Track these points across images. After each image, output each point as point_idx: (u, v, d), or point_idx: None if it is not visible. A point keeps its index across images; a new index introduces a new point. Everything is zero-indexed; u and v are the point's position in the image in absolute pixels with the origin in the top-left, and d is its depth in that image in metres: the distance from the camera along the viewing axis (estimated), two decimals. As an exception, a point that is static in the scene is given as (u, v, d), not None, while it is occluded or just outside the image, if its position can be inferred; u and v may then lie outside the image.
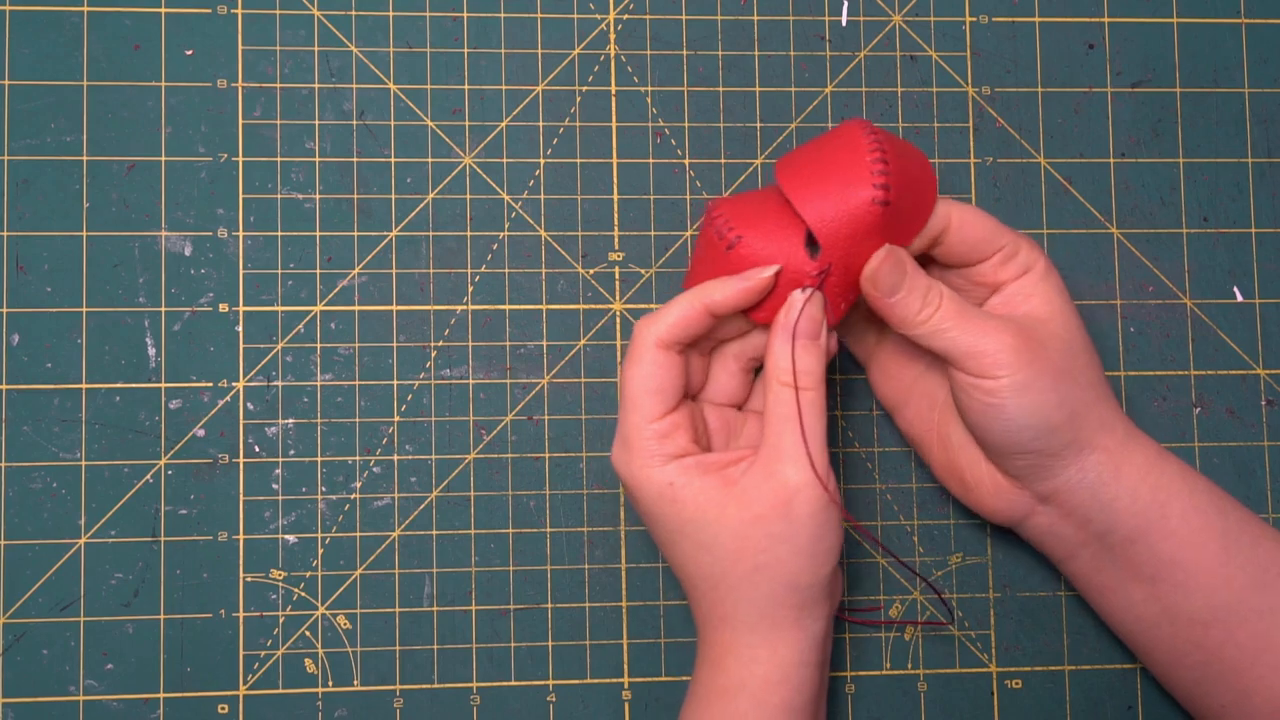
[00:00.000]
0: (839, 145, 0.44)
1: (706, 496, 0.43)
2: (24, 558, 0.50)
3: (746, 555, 0.43)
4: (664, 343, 0.44)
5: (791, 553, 0.43)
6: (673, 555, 0.45)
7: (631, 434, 0.44)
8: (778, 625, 0.43)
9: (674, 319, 0.44)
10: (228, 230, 0.52)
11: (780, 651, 0.43)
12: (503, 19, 0.53)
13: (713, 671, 0.44)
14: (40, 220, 0.51)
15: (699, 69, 0.54)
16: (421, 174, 0.52)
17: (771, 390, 0.44)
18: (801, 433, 0.43)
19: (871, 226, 0.43)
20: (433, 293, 0.52)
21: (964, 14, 0.54)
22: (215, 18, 0.52)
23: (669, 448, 0.44)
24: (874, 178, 0.42)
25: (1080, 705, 0.52)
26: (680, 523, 0.43)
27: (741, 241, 0.44)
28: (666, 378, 0.44)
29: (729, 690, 0.44)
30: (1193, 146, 0.55)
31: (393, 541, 0.51)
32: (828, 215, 0.43)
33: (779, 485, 0.42)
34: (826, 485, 0.43)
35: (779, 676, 0.43)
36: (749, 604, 0.43)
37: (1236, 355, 0.54)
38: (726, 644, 0.44)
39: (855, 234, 0.43)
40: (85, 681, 0.50)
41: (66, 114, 0.51)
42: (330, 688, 0.51)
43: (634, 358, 0.44)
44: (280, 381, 0.51)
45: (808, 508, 0.42)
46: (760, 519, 0.42)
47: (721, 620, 0.44)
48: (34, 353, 0.51)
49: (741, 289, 0.44)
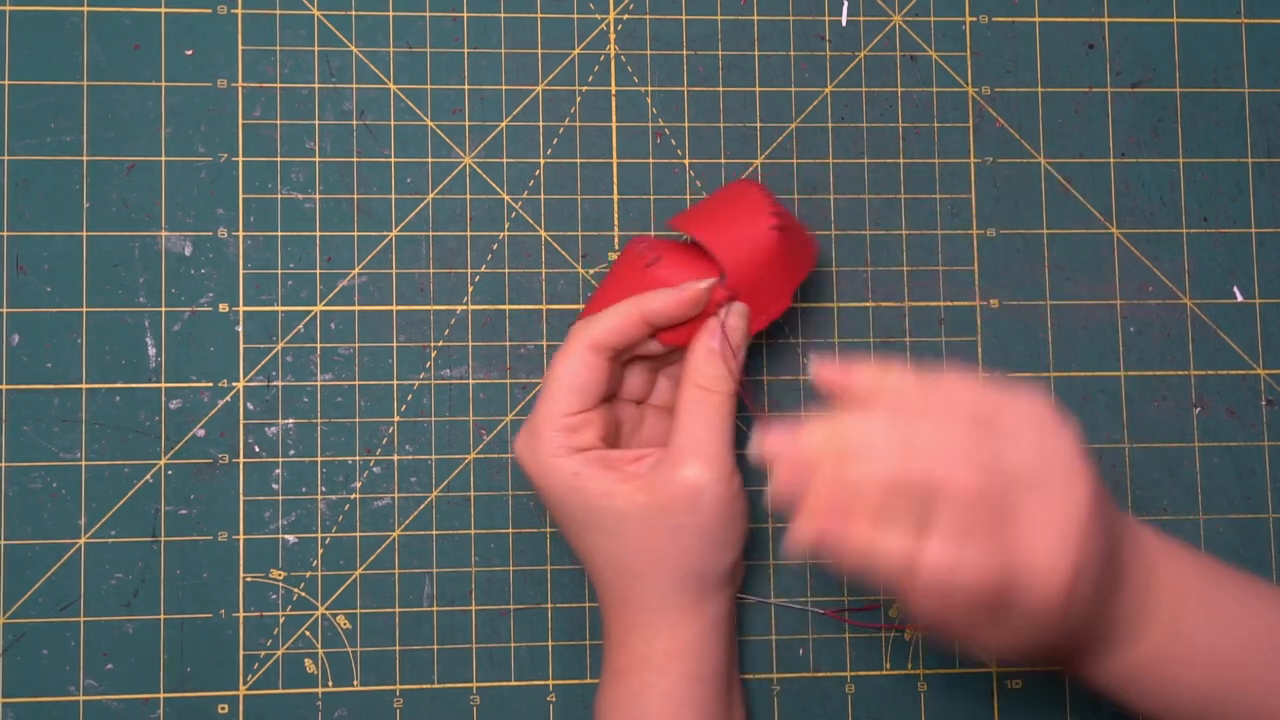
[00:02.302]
0: (732, 194, 0.48)
1: (612, 487, 0.45)
2: (24, 558, 0.50)
3: (653, 544, 0.45)
4: (596, 345, 0.46)
5: (697, 543, 0.45)
6: (578, 543, 0.47)
7: (541, 424, 0.45)
8: (680, 608, 0.46)
9: (611, 324, 0.46)
10: (228, 230, 0.52)
11: (679, 631, 0.46)
12: (503, 19, 0.53)
13: (618, 650, 0.46)
14: (40, 220, 0.51)
15: (699, 69, 0.54)
16: (421, 174, 0.52)
17: (686, 392, 0.46)
18: (716, 430, 0.45)
19: (769, 253, 0.47)
20: (433, 293, 0.52)
21: (964, 14, 0.54)
22: (215, 18, 0.52)
23: (576, 441, 0.45)
24: (767, 209, 0.47)
25: (1080, 705, 0.52)
26: (586, 511, 0.45)
27: (660, 261, 0.47)
28: (591, 378, 0.46)
29: (634, 665, 0.46)
30: (1192, 146, 0.55)
31: (393, 541, 0.51)
32: (730, 241, 0.47)
33: (687, 479, 0.44)
34: (731, 484, 0.45)
35: (679, 649, 0.46)
36: (653, 589, 0.45)
37: (1236, 355, 0.54)
38: (629, 624, 0.46)
39: (755, 259, 0.47)
40: (85, 681, 0.50)
41: (66, 114, 0.51)
42: (330, 688, 0.51)
43: (564, 354, 0.46)
44: (280, 381, 0.51)
45: (715, 501, 0.45)
46: (666, 510, 0.44)
47: (625, 604, 0.46)
48: (34, 353, 0.51)
49: (678, 299, 0.46)
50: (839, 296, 0.53)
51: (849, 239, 0.53)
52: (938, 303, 0.53)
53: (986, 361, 0.53)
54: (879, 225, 0.53)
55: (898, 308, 0.53)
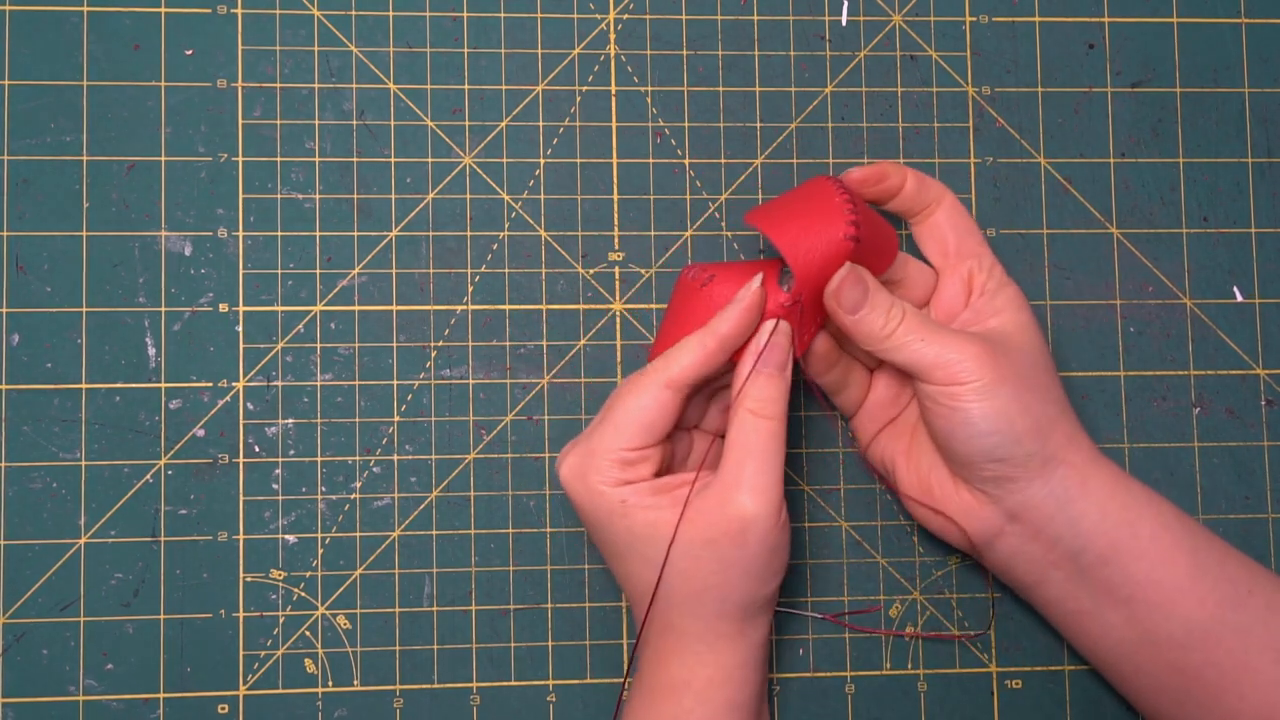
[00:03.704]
0: (811, 194, 0.46)
1: (659, 515, 0.44)
2: (24, 558, 0.50)
3: (697, 575, 0.44)
4: (675, 383, 0.45)
5: (742, 576, 0.44)
6: (620, 568, 0.46)
7: (599, 451, 0.44)
8: (722, 636, 0.45)
9: (688, 360, 0.45)
10: (228, 230, 0.52)
11: (723, 657, 0.45)
12: (503, 19, 0.53)
13: (657, 671, 0.45)
14: (40, 220, 0.51)
15: (699, 69, 0.54)
16: (421, 174, 0.52)
17: (737, 417, 0.45)
18: (764, 461, 0.44)
19: (841, 262, 0.45)
20: (433, 293, 0.52)
21: (964, 14, 0.54)
22: (215, 18, 0.52)
23: (630, 474, 0.44)
24: (846, 216, 0.45)
25: (1080, 705, 0.52)
26: (631, 538, 0.44)
27: (714, 279, 0.46)
28: (660, 416, 0.45)
29: (675, 688, 0.45)
30: (1192, 146, 0.55)
31: (393, 541, 0.51)
32: (802, 248, 0.45)
33: (735, 513, 0.43)
34: (779, 516, 0.44)
35: (722, 677, 0.45)
36: (695, 619, 0.44)
37: (1236, 355, 0.54)
38: (669, 649, 0.45)
39: (826, 268, 0.45)
40: (85, 681, 0.50)
41: (66, 114, 0.51)
42: (330, 688, 0.51)
43: (636, 387, 0.45)
44: (280, 381, 0.51)
45: (762, 537, 0.44)
46: (713, 543, 0.43)
47: (666, 628, 0.45)
48: (34, 353, 0.51)
49: (741, 309, 0.45)
50: (839, 296, 0.53)
51: (849, 239, 0.53)
52: (938, 303, 0.53)
53: (986, 361, 0.53)
54: (879, 225, 0.53)
55: (898, 308, 0.53)
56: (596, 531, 0.46)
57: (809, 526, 0.52)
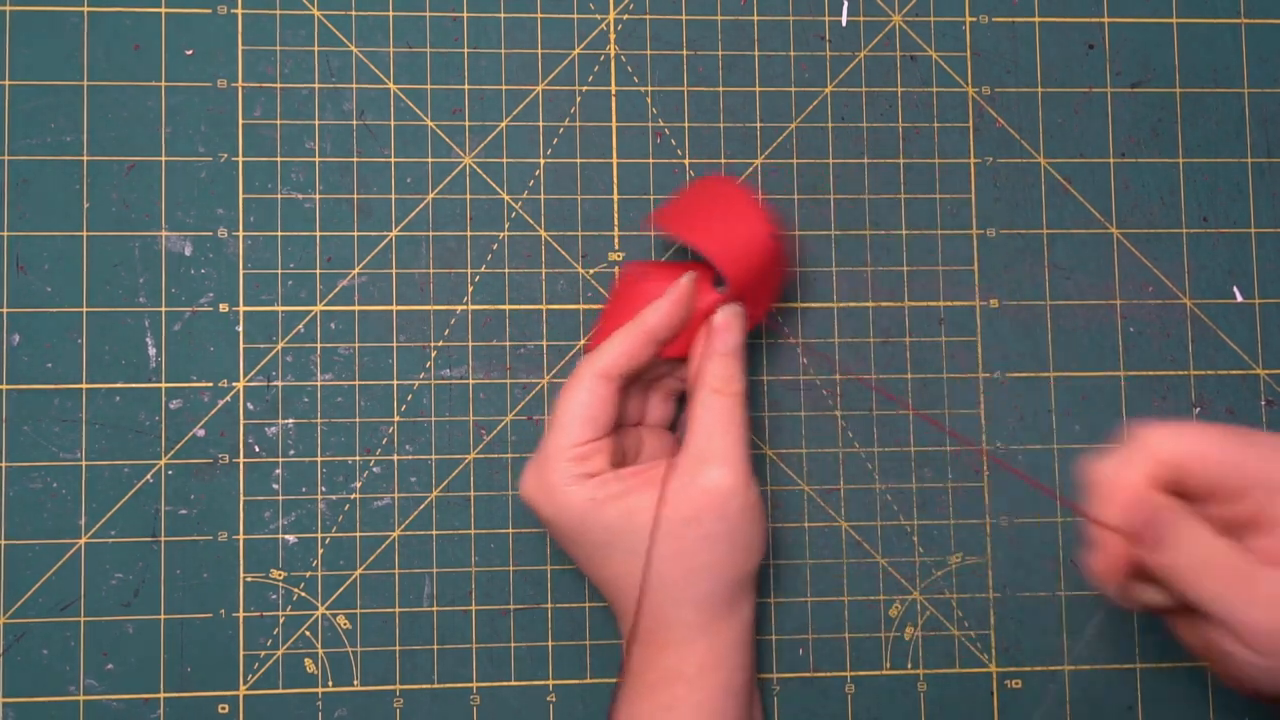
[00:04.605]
0: (719, 197, 0.48)
1: (631, 502, 0.44)
2: (24, 558, 0.50)
3: (684, 556, 0.44)
4: (605, 373, 0.46)
5: (729, 549, 0.44)
6: (601, 570, 0.46)
7: (551, 455, 0.45)
8: (716, 617, 0.45)
9: (618, 350, 0.46)
10: (228, 230, 0.52)
11: (716, 639, 0.45)
12: (503, 19, 0.53)
13: (647, 667, 0.45)
14: (40, 220, 0.51)
15: (699, 69, 0.54)
16: (421, 174, 0.52)
17: (700, 397, 0.46)
18: (736, 435, 0.45)
19: (767, 259, 0.47)
20: (433, 293, 0.52)
21: (964, 14, 0.54)
22: (215, 18, 0.52)
23: (586, 468, 0.45)
24: (765, 216, 0.47)
25: (1080, 705, 0.52)
26: (609, 534, 0.45)
27: (648, 277, 0.48)
28: (600, 408, 0.45)
29: (665, 679, 0.45)
30: (1192, 146, 0.55)
31: (393, 541, 0.51)
32: (733, 256, 0.46)
33: (711, 485, 0.44)
34: (753, 487, 0.45)
35: (714, 662, 0.45)
36: (688, 603, 0.45)
37: (1236, 355, 0.54)
38: (661, 644, 0.45)
39: (753, 267, 0.47)
40: (85, 681, 0.50)
41: (66, 114, 0.51)
42: (330, 688, 0.51)
43: (572, 386, 0.46)
44: (280, 381, 0.51)
45: (742, 505, 0.44)
46: (695, 520, 0.44)
47: (657, 626, 0.45)
48: (34, 353, 0.51)
49: (671, 303, 0.46)
50: (839, 296, 0.53)
51: (849, 239, 0.53)
52: (938, 303, 0.53)
53: (986, 361, 0.53)
54: (879, 225, 0.53)
55: (898, 308, 0.53)
56: (572, 541, 0.46)
57: (809, 526, 0.52)
